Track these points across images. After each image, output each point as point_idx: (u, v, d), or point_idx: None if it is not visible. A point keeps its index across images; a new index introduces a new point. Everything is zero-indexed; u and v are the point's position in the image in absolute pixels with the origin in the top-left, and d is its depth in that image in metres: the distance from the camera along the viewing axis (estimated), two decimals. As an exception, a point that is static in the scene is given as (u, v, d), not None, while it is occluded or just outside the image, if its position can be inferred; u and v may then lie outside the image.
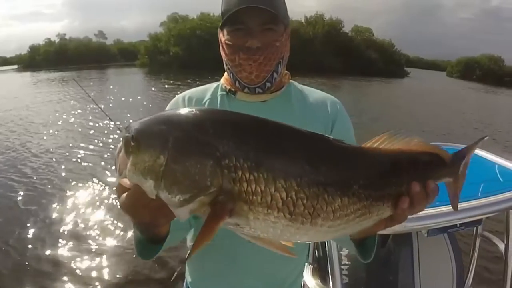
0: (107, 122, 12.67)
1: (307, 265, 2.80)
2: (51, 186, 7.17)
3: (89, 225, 5.69)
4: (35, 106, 16.67)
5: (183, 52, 47.01)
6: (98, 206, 6.29)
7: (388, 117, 16.36)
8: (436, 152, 0.85)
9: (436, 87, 41.23)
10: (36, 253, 4.90)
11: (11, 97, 20.45)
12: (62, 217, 5.92)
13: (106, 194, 6.74)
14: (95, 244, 5.15)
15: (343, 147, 0.78)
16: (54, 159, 8.87)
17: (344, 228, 0.77)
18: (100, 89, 24.06)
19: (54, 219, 5.88)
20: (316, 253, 2.85)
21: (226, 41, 1.24)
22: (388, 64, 55.70)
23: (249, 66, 1.21)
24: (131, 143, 0.69)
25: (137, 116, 13.21)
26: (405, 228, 1.88)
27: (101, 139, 10.38)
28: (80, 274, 4.50)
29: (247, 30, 1.19)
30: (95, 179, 7.45)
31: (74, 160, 8.79)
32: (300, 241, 0.79)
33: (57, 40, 71.05)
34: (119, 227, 5.59)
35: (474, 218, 2.03)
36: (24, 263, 4.67)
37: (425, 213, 1.84)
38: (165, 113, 0.74)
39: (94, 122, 12.71)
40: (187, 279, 1.51)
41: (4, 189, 7.05)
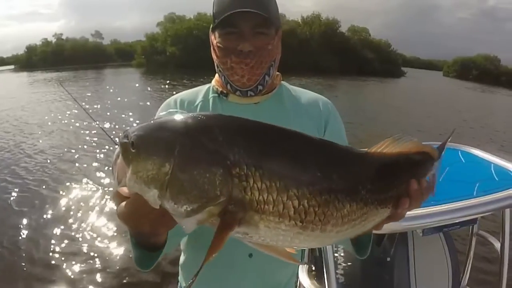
0: (105, 124, 12.69)
1: (303, 265, 2.79)
2: (45, 187, 7.14)
3: (83, 227, 5.65)
4: (31, 106, 16.62)
5: (180, 52, 46.96)
6: (92, 208, 6.26)
7: (384, 117, 16.37)
8: (427, 151, 0.88)
9: (433, 87, 41.29)
10: (29, 255, 4.87)
11: (7, 97, 20.35)
12: (56, 219, 5.89)
13: (100, 196, 6.70)
14: (89, 246, 5.12)
15: (351, 153, 0.78)
16: (49, 160, 8.83)
17: (350, 232, 0.77)
18: (96, 89, 24.00)
19: (48, 221, 5.85)
20: (312, 253, 2.85)
21: (218, 44, 1.23)
22: (385, 64, 55.78)
23: (241, 70, 1.21)
24: (131, 150, 0.66)
25: (133, 116, 13.31)
26: (401, 227, 1.88)
27: (96, 140, 10.32)
28: (73, 277, 4.47)
29: (239, 34, 1.18)
30: (89, 181, 7.42)
31: (68, 161, 8.74)
32: (307, 247, 0.79)
33: (54, 40, 70.82)
34: (113, 230, 5.57)
35: (470, 217, 2.03)
36: (17, 265, 4.65)
37: (420, 212, 1.84)
38: (168, 119, 0.69)
39: (89, 123, 12.68)
40: (181, 284, 1.51)
41: (-2, 190, 7.02)
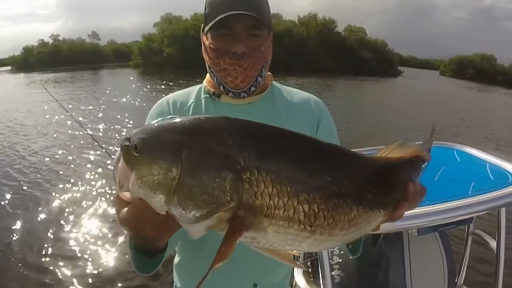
0: (100, 125, 12.67)
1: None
2: (39, 189, 7.12)
3: (76, 230, 5.65)
4: (27, 108, 16.58)
5: (177, 53, 46.88)
6: (86, 211, 6.25)
7: (381, 117, 16.39)
8: (422, 155, 0.91)
9: (429, 86, 41.43)
10: (22, 258, 4.86)
11: (3, 98, 20.31)
12: (49, 221, 5.88)
13: (94, 199, 6.69)
14: (81, 249, 5.10)
15: (358, 158, 0.78)
16: (43, 162, 8.82)
17: (355, 235, 0.77)
18: (93, 90, 23.95)
19: (41, 223, 5.84)
20: (307, 253, 2.85)
21: (211, 45, 1.23)
22: (382, 64, 55.77)
23: (235, 71, 1.21)
24: (134, 154, 0.64)
25: (129, 117, 13.27)
26: (396, 227, 1.87)
27: (91, 142, 10.28)
28: (66, 280, 4.46)
29: (233, 35, 1.19)
30: (83, 183, 7.41)
31: (63, 163, 8.73)
32: (313, 251, 0.79)
33: (51, 41, 70.52)
34: (106, 233, 5.56)
35: (465, 217, 2.03)
36: (9, 268, 4.64)
37: (415, 212, 1.84)
38: (173, 121, 0.67)
39: (84, 125, 12.66)
40: (176, 284, 1.50)
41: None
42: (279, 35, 47.71)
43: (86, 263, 4.77)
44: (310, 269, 2.83)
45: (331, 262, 2.68)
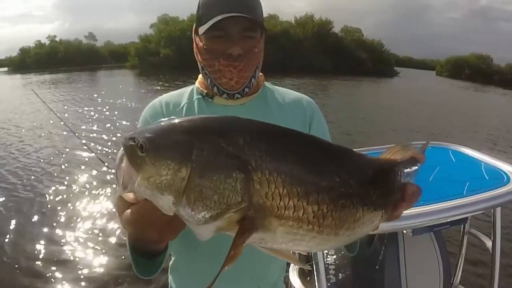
0: (96, 126, 12.64)
1: (293, 266, 2.79)
2: (33, 191, 7.09)
3: (70, 232, 5.60)
4: (23, 109, 16.50)
5: (173, 54, 46.81)
6: (81, 213, 6.22)
7: (378, 117, 16.40)
8: (418, 157, 0.92)
9: (426, 86, 41.52)
10: (14, 262, 4.81)
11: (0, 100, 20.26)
12: (43, 223, 5.85)
13: (89, 201, 6.67)
14: (75, 252, 5.07)
15: (363, 159, 0.79)
16: (37, 164, 8.79)
17: (358, 235, 0.78)
18: (89, 91, 23.87)
19: (35, 226, 5.79)
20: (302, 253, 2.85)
21: (205, 47, 1.23)
22: (378, 64, 55.88)
23: (230, 73, 1.22)
24: (139, 154, 0.63)
25: (125, 117, 13.23)
26: (390, 228, 1.87)
27: (90, 143, 10.25)
28: (58, 283, 4.43)
29: (228, 37, 1.19)
30: (78, 185, 7.39)
31: (57, 165, 8.69)
32: (319, 251, 0.79)
33: (48, 42, 70.36)
34: (101, 234, 5.55)
35: (460, 217, 2.03)
36: (1, 271, 4.61)
37: (410, 213, 1.83)
38: (181, 121, 0.66)
39: (79, 126, 12.63)
40: (172, 285, 1.49)
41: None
42: (276, 36, 47.75)
43: (79, 266, 4.74)
44: (304, 269, 2.83)
45: (327, 263, 2.68)
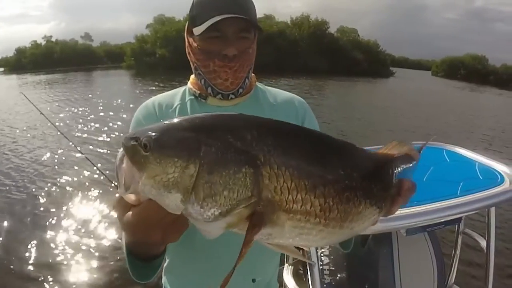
0: (90, 126, 12.59)
1: (287, 266, 2.79)
2: (26, 193, 7.06)
3: (63, 235, 5.56)
4: (18, 110, 16.37)
5: (170, 54, 46.67)
6: (74, 215, 6.18)
7: (373, 117, 16.40)
8: (413, 154, 0.95)
9: (421, 87, 41.60)
10: (5, 265, 4.77)
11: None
12: (36, 226, 5.82)
13: (82, 203, 6.64)
14: (68, 255, 5.02)
15: (365, 154, 0.81)
16: (30, 165, 8.76)
17: (360, 229, 0.79)
18: (84, 91, 23.81)
19: (27, 228, 5.76)
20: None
21: (200, 47, 1.23)
22: (374, 64, 55.80)
23: (225, 73, 1.23)
24: (143, 153, 0.62)
25: (119, 118, 13.20)
26: (384, 228, 1.88)
27: (84, 144, 10.20)
28: (49, 286, 4.41)
29: (224, 38, 1.19)
30: (71, 186, 7.36)
31: (50, 166, 8.67)
32: (323, 245, 0.79)
33: (44, 43, 69.97)
34: (93, 237, 5.51)
35: (453, 217, 2.03)
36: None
37: (403, 213, 1.84)
38: (185, 119, 0.66)
39: (75, 127, 12.58)
40: (166, 286, 1.49)
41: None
42: (272, 36, 47.71)
43: (71, 269, 4.71)
44: (298, 269, 2.83)
45: (321, 263, 2.68)
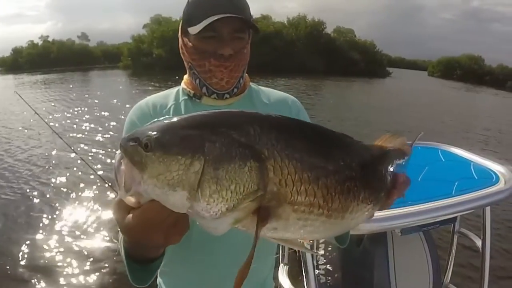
0: (87, 127, 12.56)
1: (282, 266, 2.79)
2: (20, 194, 7.03)
3: (58, 235, 5.55)
4: (12, 110, 16.29)
5: (166, 54, 46.64)
6: (68, 215, 6.18)
7: (370, 117, 16.39)
8: (404, 148, 0.98)
9: (418, 87, 41.72)
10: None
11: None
12: (29, 227, 5.78)
13: (75, 204, 6.61)
14: (60, 258, 4.99)
15: (362, 145, 0.83)
16: (25, 166, 8.73)
17: (360, 220, 0.80)
18: (81, 91, 23.78)
19: (20, 230, 5.72)
20: (291, 253, 2.85)
21: (195, 47, 1.23)
22: (370, 65, 56.08)
23: (220, 73, 1.23)
24: (144, 153, 0.61)
25: (115, 118, 13.17)
26: (379, 228, 1.88)
27: (79, 144, 10.17)
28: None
29: (220, 38, 1.19)
30: (66, 186, 7.35)
31: (43, 166, 8.64)
32: (326, 237, 0.82)
33: (40, 42, 69.80)
34: (87, 236, 5.51)
35: (448, 216, 2.03)
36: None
37: (398, 212, 1.84)
38: (185, 117, 0.66)
39: (70, 127, 12.55)
40: (161, 287, 1.48)
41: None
42: (269, 37, 47.79)
43: (63, 272, 4.68)
44: (293, 269, 2.83)
45: (317, 263, 2.68)
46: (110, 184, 4.11)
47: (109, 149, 9.61)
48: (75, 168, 8.17)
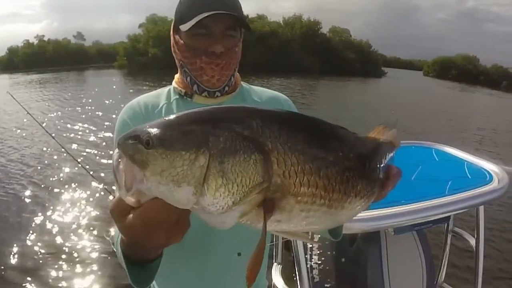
0: (80, 126, 12.53)
1: (276, 265, 2.78)
2: (14, 194, 6.99)
3: (49, 237, 5.51)
4: (5, 109, 16.25)
5: (162, 53, 46.59)
6: (61, 217, 6.14)
7: (365, 117, 16.38)
8: (394, 141, 0.99)
9: (413, 86, 41.87)
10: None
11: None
12: (20, 227, 5.76)
13: (66, 206, 6.57)
14: (52, 261, 4.95)
15: (357, 136, 0.84)
16: (17, 165, 8.71)
17: (358, 210, 0.81)
18: (76, 91, 23.79)
19: (13, 232, 5.69)
20: (284, 253, 2.85)
21: (186, 44, 1.23)
22: (366, 64, 56.40)
23: (211, 70, 1.22)
24: (145, 150, 0.60)
25: (109, 118, 13.14)
26: (372, 227, 1.87)
27: (72, 144, 10.13)
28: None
29: (211, 35, 1.19)
30: (65, 184, 7.32)
31: (39, 166, 8.60)
32: (327, 228, 0.90)
33: (36, 42, 69.57)
34: (82, 237, 5.48)
35: (441, 216, 2.03)
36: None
37: (391, 212, 1.84)
38: (186, 113, 0.65)
39: (65, 127, 12.51)
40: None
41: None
42: (264, 36, 47.84)
43: (54, 274, 4.64)
44: (287, 268, 2.82)
45: (310, 262, 2.67)
46: (105, 187, 4.08)
47: (102, 149, 9.60)
48: (68, 169, 8.14)
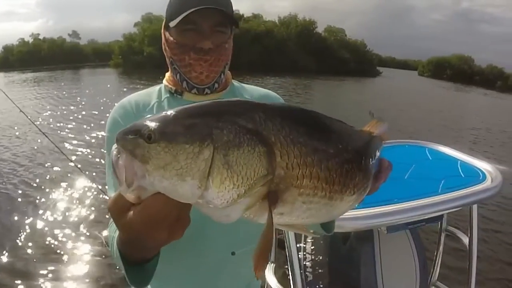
0: (74, 125, 12.48)
1: (269, 264, 2.77)
2: (9, 194, 6.94)
3: (42, 238, 5.44)
4: (2, 107, 16.20)
5: (157, 52, 46.42)
6: (56, 215, 6.11)
7: (360, 116, 16.42)
8: (383, 136, 0.99)
9: (408, 86, 41.97)
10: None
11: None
12: (12, 229, 5.70)
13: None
14: (45, 263, 4.86)
15: (353, 129, 0.86)
16: (10, 164, 8.66)
17: (355, 202, 0.82)
18: (71, 89, 23.62)
19: (6, 227, 5.69)
20: (277, 251, 2.85)
21: (175, 41, 1.24)
22: (361, 64, 56.52)
23: (200, 67, 1.23)
24: (147, 144, 0.59)
25: (104, 116, 13.10)
26: (365, 225, 1.87)
27: (66, 143, 10.11)
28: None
29: (199, 31, 1.20)
30: (58, 183, 7.29)
31: (34, 165, 8.55)
32: (328, 220, 0.87)
33: (31, 40, 69.14)
34: (75, 237, 5.44)
35: (434, 214, 2.03)
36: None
37: (384, 210, 1.84)
38: (186, 107, 0.65)
39: (61, 126, 12.46)
40: None
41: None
42: (260, 36, 47.82)
43: (47, 275, 4.58)
44: (280, 267, 2.83)
45: (303, 261, 2.68)
46: (98, 186, 4.05)
47: (96, 148, 9.54)
48: (61, 168, 8.07)
